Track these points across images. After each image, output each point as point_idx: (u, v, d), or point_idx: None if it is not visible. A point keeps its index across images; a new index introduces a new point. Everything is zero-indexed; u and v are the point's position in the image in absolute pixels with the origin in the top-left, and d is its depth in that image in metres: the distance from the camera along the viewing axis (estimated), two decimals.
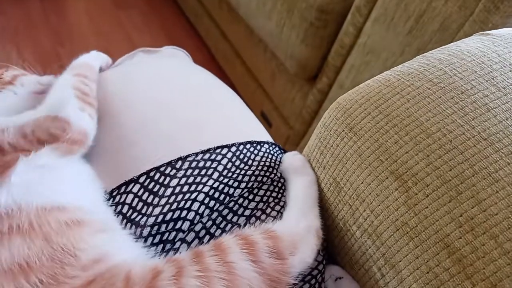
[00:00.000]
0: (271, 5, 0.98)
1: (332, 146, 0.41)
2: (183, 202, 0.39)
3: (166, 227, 0.38)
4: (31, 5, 1.69)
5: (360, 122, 0.38)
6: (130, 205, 0.39)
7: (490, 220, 0.30)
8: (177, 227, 0.38)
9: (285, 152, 0.50)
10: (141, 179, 0.40)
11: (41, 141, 0.36)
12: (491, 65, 0.36)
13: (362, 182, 0.37)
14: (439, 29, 0.71)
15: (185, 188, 0.40)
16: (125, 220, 0.38)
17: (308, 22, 0.90)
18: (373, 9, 0.82)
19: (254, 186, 0.43)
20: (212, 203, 0.40)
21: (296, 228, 0.37)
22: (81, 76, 0.46)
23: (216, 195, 0.40)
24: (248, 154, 0.45)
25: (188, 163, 0.41)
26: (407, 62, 0.40)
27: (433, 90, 0.36)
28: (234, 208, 0.41)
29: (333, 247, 0.44)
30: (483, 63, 0.36)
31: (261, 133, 0.52)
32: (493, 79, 0.35)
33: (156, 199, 0.39)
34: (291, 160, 0.46)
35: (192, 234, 0.38)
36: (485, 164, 0.32)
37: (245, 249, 0.32)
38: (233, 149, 0.44)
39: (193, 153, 0.42)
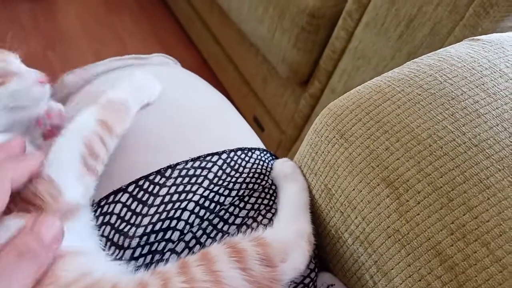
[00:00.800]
0: (263, 10, 0.98)
1: (323, 152, 0.40)
2: (172, 211, 0.38)
3: (155, 237, 0.37)
4: (21, 9, 1.67)
5: (351, 129, 0.38)
6: (118, 215, 0.38)
7: (481, 227, 0.30)
8: (166, 237, 0.37)
9: (276, 158, 0.49)
10: (130, 188, 0.39)
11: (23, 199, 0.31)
12: (481, 71, 0.36)
13: (354, 189, 0.37)
14: (430, 33, 0.72)
15: (175, 197, 0.39)
16: (113, 231, 0.37)
17: (299, 27, 0.90)
18: (364, 14, 0.82)
19: (245, 194, 0.42)
20: (202, 212, 0.39)
21: (287, 234, 0.36)
22: (105, 128, 0.37)
23: (207, 204, 0.40)
24: (239, 161, 0.44)
25: (178, 171, 0.41)
26: (398, 68, 0.40)
27: (423, 96, 0.36)
28: (225, 217, 0.40)
29: (325, 254, 0.43)
30: (473, 68, 0.36)
31: (252, 139, 0.51)
32: (483, 84, 0.35)
33: (145, 209, 0.38)
34: (282, 167, 0.45)
35: (182, 244, 0.38)
36: (476, 171, 0.32)
37: (234, 257, 0.31)
38: (224, 156, 0.44)
39: (183, 161, 0.41)
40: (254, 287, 0.31)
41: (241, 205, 0.41)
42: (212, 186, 0.41)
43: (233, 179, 0.42)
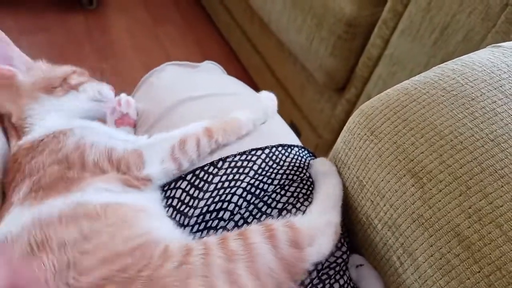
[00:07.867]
0: (301, 20, 1.04)
1: (355, 148, 0.45)
2: (224, 195, 0.45)
3: (210, 216, 0.44)
4: (76, 22, 1.81)
5: (380, 127, 0.43)
6: (179, 199, 0.45)
7: (496, 211, 0.34)
8: (219, 216, 0.44)
9: (313, 155, 0.55)
10: (188, 177, 0.46)
11: (118, 168, 0.42)
12: (500, 75, 0.40)
13: (382, 180, 0.42)
14: (463, 40, 0.74)
15: (226, 184, 0.46)
16: (175, 212, 0.44)
17: (336, 35, 0.95)
18: (400, 22, 0.86)
19: (286, 183, 0.48)
20: (249, 197, 0.46)
21: (316, 222, 0.41)
22: (208, 135, 0.47)
23: (253, 190, 0.46)
24: (280, 155, 0.50)
25: (228, 163, 0.47)
26: (424, 73, 0.45)
27: (446, 97, 0.40)
28: (268, 202, 0.46)
29: (357, 239, 0.48)
30: (492, 72, 0.40)
31: (291, 138, 0.57)
32: (501, 87, 0.39)
33: (201, 194, 0.45)
34: (319, 165, 0.50)
35: (232, 223, 0.44)
36: (492, 162, 0.36)
37: (266, 234, 0.37)
38: (267, 151, 0.50)
39: (231, 155, 0.48)
40: (282, 263, 0.36)
41: (282, 192, 0.47)
42: (257, 175, 0.47)
43: (275, 171, 0.49)
